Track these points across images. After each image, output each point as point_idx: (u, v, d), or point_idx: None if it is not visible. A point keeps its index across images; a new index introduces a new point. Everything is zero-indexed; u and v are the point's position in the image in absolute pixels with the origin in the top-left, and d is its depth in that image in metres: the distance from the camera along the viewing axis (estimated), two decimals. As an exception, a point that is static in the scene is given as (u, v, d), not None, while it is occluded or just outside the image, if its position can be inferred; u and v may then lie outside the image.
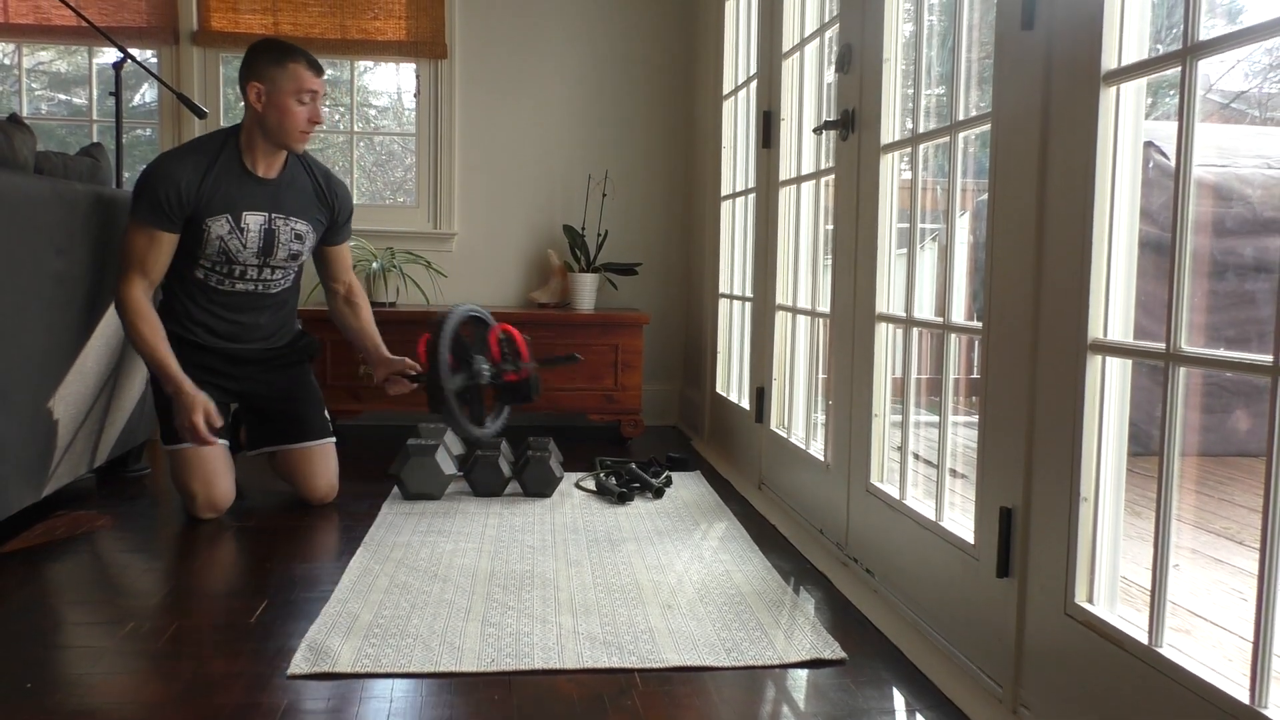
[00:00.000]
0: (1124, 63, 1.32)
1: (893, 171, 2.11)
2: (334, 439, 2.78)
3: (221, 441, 2.60)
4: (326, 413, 2.81)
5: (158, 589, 2.02)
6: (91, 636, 1.75)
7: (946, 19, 2.07)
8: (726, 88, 3.57)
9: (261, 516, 2.60)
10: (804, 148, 2.74)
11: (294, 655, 1.66)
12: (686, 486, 2.98)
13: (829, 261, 2.46)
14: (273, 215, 2.59)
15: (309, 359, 2.85)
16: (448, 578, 2.08)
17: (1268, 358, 1.06)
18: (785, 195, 2.85)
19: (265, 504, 2.72)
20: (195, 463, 2.53)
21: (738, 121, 3.50)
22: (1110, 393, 1.36)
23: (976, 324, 1.69)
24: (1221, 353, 1.17)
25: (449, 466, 2.81)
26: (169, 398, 2.53)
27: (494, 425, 2.68)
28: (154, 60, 3.96)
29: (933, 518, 1.81)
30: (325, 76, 2.60)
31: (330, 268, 2.85)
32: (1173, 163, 1.20)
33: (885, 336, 2.12)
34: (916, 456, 2.33)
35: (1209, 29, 1.19)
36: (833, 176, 2.41)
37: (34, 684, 1.55)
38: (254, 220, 2.56)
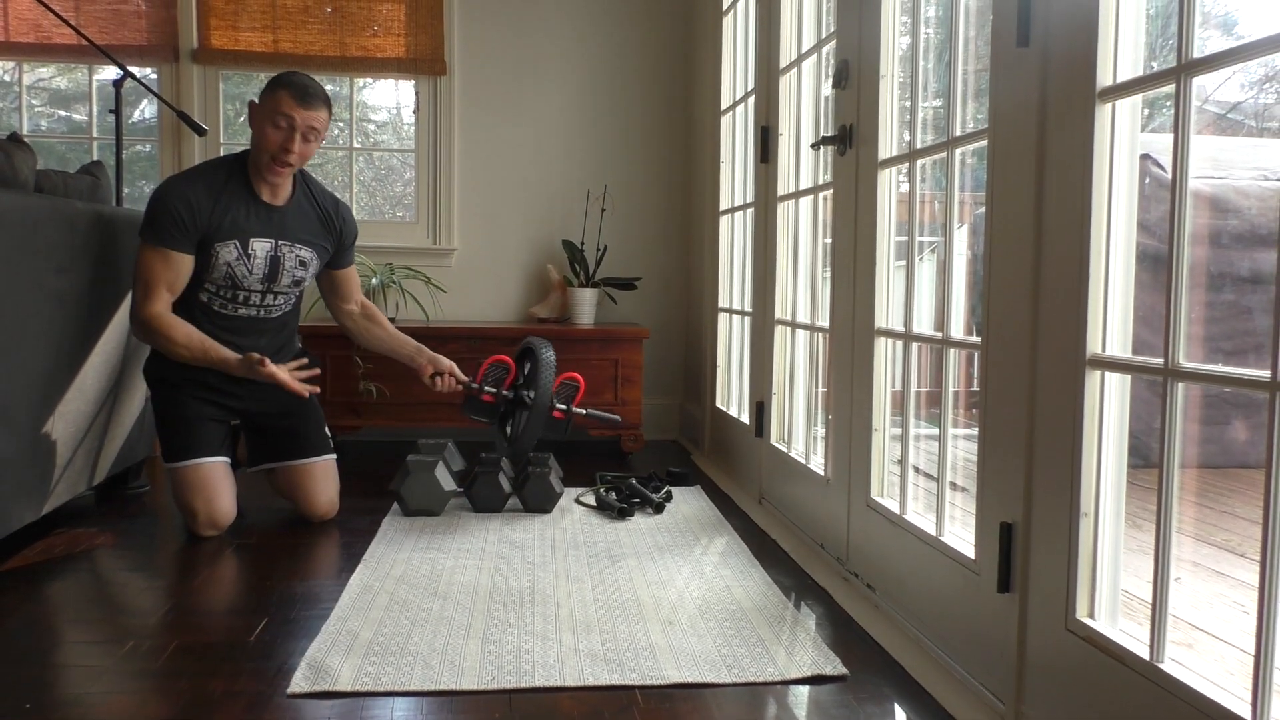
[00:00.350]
0: (1119, 79, 1.33)
1: (891, 186, 2.12)
2: (334, 455, 2.78)
3: (222, 458, 2.60)
4: (327, 429, 2.81)
5: (157, 607, 2.01)
6: (91, 655, 1.75)
7: (943, 31, 2.08)
8: (725, 103, 3.58)
9: (261, 534, 2.59)
10: (802, 163, 2.75)
11: (294, 674, 1.65)
12: (687, 501, 2.98)
13: (828, 276, 2.47)
14: (279, 242, 2.60)
15: (309, 376, 2.86)
16: (448, 594, 2.08)
17: (1266, 373, 1.06)
18: (784, 210, 2.86)
19: (265, 521, 2.72)
20: (196, 480, 2.52)
21: (736, 136, 3.51)
22: (1109, 408, 1.37)
23: (975, 339, 1.70)
24: (1220, 368, 1.17)
25: (449, 482, 2.81)
26: (179, 416, 2.54)
27: (509, 452, 2.93)
28: (154, 77, 3.98)
29: (933, 532, 1.81)
30: (323, 108, 2.53)
31: (341, 289, 2.86)
32: (1169, 176, 1.21)
33: (884, 351, 2.12)
34: (916, 470, 2.32)
35: (1203, 42, 1.20)
36: (831, 191, 2.41)
37: (33, 704, 1.55)
38: (260, 247, 2.57)
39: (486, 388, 2.88)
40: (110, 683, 1.63)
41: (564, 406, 2.90)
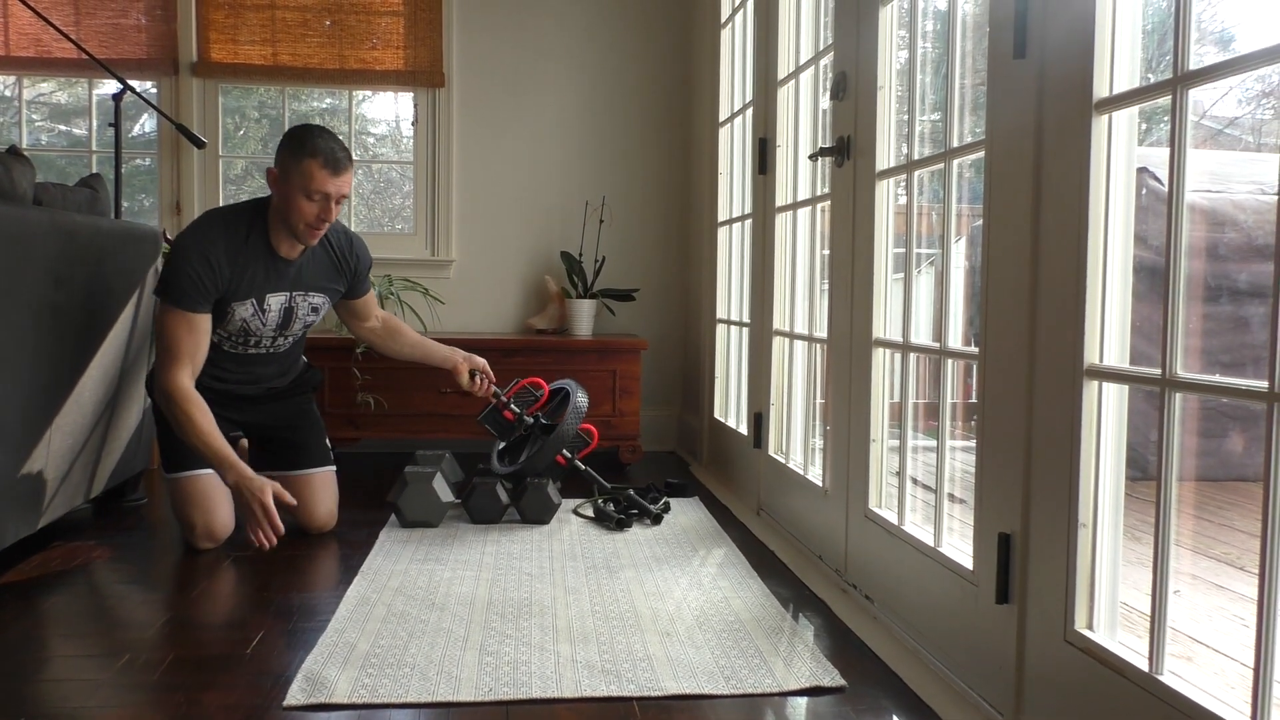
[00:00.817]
0: (1115, 91, 1.34)
1: (888, 197, 2.12)
2: (334, 467, 2.78)
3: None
4: (328, 441, 2.81)
5: (154, 620, 2.01)
6: (87, 669, 1.74)
7: (940, 45, 2.09)
8: (723, 114, 3.59)
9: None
10: (800, 174, 2.76)
11: (291, 686, 1.65)
12: (685, 512, 2.97)
13: (826, 287, 2.47)
14: (293, 293, 2.60)
15: (311, 390, 2.86)
16: (445, 606, 2.07)
17: (1263, 384, 1.06)
18: (782, 221, 2.87)
19: (262, 533, 2.71)
20: (195, 492, 2.52)
21: (734, 148, 3.52)
22: (1107, 418, 1.37)
23: (973, 349, 1.70)
24: (1217, 379, 1.17)
25: (446, 494, 2.80)
26: (186, 443, 2.54)
27: (510, 468, 2.98)
28: (153, 91, 3.99)
29: (931, 543, 1.81)
30: (351, 168, 2.51)
31: (360, 312, 2.88)
32: (1166, 188, 1.21)
33: (882, 361, 2.12)
34: (915, 481, 2.32)
35: (1199, 57, 1.21)
36: (829, 202, 2.42)
37: (29, 718, 1.54)
38: (275, 300, 2.58)
39: (513, 405, 2.94)
40: (107, 696, 1.62)
41: (569, 455, 2.99)
